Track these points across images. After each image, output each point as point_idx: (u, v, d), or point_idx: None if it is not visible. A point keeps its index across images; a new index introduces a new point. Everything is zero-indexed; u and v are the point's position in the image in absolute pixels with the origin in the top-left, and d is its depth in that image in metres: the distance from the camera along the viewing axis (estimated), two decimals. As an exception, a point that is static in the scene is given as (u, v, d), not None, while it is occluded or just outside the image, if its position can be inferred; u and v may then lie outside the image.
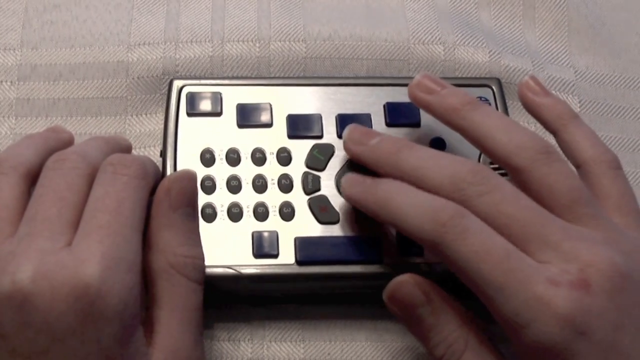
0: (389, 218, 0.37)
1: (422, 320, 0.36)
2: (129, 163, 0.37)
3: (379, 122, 0.43)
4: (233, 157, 0.42)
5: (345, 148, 0.41)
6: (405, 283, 0.37)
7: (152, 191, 0.38)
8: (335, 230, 0.41)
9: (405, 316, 0.37)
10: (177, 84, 0.44)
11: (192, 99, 0.43)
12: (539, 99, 0.41)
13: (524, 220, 0.34)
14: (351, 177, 0.40)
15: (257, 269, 0.40)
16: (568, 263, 0.34)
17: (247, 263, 0.40)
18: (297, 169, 0.42)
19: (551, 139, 0.41)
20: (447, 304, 0.37)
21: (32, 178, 0.37)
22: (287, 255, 0.40)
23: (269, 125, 0.43)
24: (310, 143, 0.43)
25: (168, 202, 0.37)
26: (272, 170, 0.42)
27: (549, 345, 0.32)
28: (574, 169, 0.39)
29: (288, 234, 0.40)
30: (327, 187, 0.42)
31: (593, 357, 0.32)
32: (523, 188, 0.36)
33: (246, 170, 0.42)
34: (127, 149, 0.42)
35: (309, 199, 0.42)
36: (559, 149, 0.39)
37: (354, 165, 0.42)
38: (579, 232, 0.35)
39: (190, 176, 0.38)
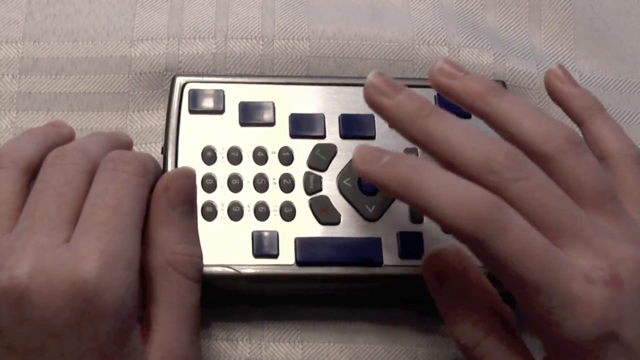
0: (415, 201, 0.33)
1: (451, 294, 0.36)
2: (129, 160, 0.36)
3: (382, 123, 0.43)
4: (234, 156, 0.42)
5: (366, 97, 0.36)
6: (446, 252, 0.36)
7: (153, 189, 0.38)
8: (335, 231, 0.41)
9: (435, 287, 0.36)
10: (179, 80, 0.44)
11: (195, 96, 0.43)
12: (567, 88, 0.40)
13: (558, 210, 0.33)
14: (365, 150, 0.35)
15: (256, 268, 0.40)
16: (598, 259, 0.33)
17: (247, 263, 0.40)
18: (298, 169, 0.42)
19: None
20: (480, 283, 0.36)
21: (32, 173, 0.37)
22: (287, 256, 0.40)
23: (271, 124, 0.43)
24: (313, 143, 0.43)
25: (166, 199, 0.37)
26: (273, 169, 0.42)
27: (581, 343, 0.32)
28: None
29: (288, 234, 0.40)
30: (329, 187, 0.42)
31: (622, 356, 0.32)
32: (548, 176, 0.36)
33: (247, 169, 0.42)
34: (128, 145, 0.42)
35: (310, 199, 0.41)
36: None
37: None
38: (605, 229, 0.34)
39: (189, 174, 0.38)
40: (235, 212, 0.41)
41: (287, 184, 0.42)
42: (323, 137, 0.43)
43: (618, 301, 0.32)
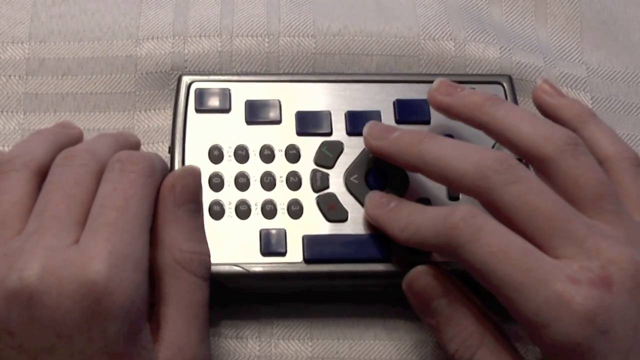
0: (411, 240, 0.37)
1: (438, 312, 0.36)
2: (136, 160, 0.36)
3: (388, 119, 0.43)
4: (241, 154, 0.42)
5: (366, 144, 0.40)
6: (424, 273, 0.37)
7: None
8: (343, 228, 0.41)
9: (421, 307, 0.37)
10: (185, 79, 0.44)
11: (201, 95, 0.43)
12: (555, 100, 0.41)
13: (549, 213, 0.34)
14: (374, 197, 0.40)
15: (264, 267, 0.40)
16: (590, 260, 0.33)
17: (255, 261, 0.40)
18: (305, 166, 0.42)
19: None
20: (465, 298, 0.36)
21: (42, 174, 0.37)
22: (295, 254, 0.40)
23: (277, 122, 0.43)
24: (319, 140, 0.43)
25: (172, 198, 0.37)
26: (280, 167, 0.42)
27: (570, 345, 0.32)
28: None
29: (296, 231, 0.40)
30: (336, 184, 0.42)
31: (614, 357, 0.32)
32: (547, 179, 0.36)
33: (254, 168, 0.42)
34: (135, 145, 0.42)
35: (318, 197, 0.41)
36: None
37: (363, 163, 0.42)
38: (602, 230, 0.34)
39: (194, 172, 0.38)
40: (243, 211, 0.41)
41: (294, 181, 0.42)
42: (329, 134, 0.43)
43: (606, 301, 0.32)
